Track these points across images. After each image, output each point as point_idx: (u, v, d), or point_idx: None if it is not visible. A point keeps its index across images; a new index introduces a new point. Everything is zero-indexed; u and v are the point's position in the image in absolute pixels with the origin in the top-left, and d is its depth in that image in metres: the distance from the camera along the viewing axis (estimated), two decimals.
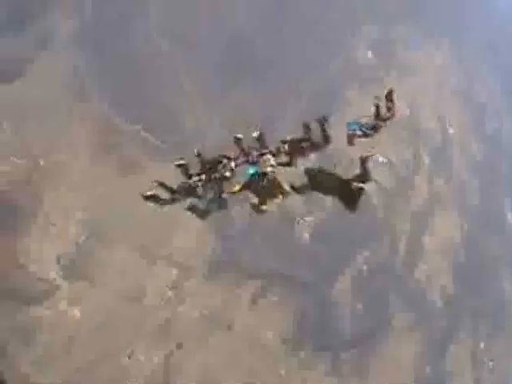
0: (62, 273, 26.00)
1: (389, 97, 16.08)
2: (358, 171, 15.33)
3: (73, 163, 27.60)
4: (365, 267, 30.25)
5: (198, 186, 15.88)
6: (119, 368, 25.90)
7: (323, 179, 15.09)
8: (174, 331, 26.78)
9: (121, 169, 27.93)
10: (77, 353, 25.48)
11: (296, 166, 15.81)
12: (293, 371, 28.21)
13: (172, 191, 16.31)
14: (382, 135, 27.91)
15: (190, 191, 16.08)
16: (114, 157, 28.31)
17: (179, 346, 26.76)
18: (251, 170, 15.33)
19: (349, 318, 29.81)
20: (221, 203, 15.96)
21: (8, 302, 25.25)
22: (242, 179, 15.31)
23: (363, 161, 15.50)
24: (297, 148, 15.98)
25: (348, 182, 15.12)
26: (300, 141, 16.12)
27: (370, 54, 34.53)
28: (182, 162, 16.11)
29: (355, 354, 29.73)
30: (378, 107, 16.10)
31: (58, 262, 26.18)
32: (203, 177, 15.96)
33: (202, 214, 16.29)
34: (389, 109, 15.90)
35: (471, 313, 34.68)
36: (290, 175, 15.71)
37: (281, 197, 15.43)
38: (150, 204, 16.49)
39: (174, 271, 27.08)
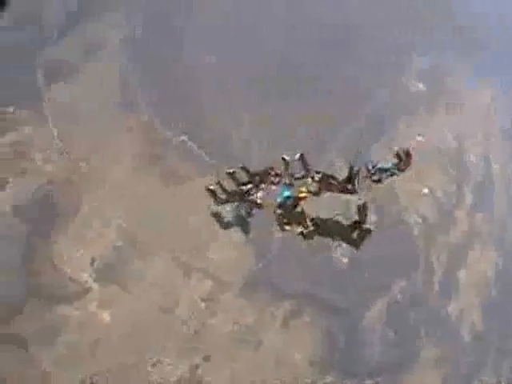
0: (94, 275, 25.59)
1: (407, 153, 15.80)
2: (356, 217, 15.13)
3: (115, 170, 26.99)
4: (399, 297, 29.49)
5: (250, 193, 15.76)
6: (144, 375, 25.34)
7: (329, 226, 15.02)
8: (202, 343, 26.12)
9: (163, 179, 27.20)
10: (102, 356, 25.09)
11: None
12: None
13: (227, 193, 16.20)
14: (429, 166, 27.52)
15: (242, 196, 15.93)
16: (158, 166, 27.58)
17: (207, 358, 26.05)
18: (287, 193, 15.02)
19: (378, 345, 28.91)
20: (244, 225, 15.69)
21: (36, 300, 24.95)
22: (277, 199, 15.07)
23: (362, 207, 15.32)
24: (326, 182, 15.82)
25: (352, 228, 15.04)
26: (330, 177, 16.00)
27: (419, 82, 33.79)
28: (233, 169, 15.94)
29: (380, 382, 28.89)
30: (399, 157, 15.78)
31: (92, 264, 25.75)
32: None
33: (225, 225, 16.14)
34: (405, 163, 15.62)
35: (496, 350, 33.67)
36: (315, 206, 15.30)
37: (301, 228, 15.22)
38: (209, 197, 16.20)
39: (209, 284, 26.38)
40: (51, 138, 27.10)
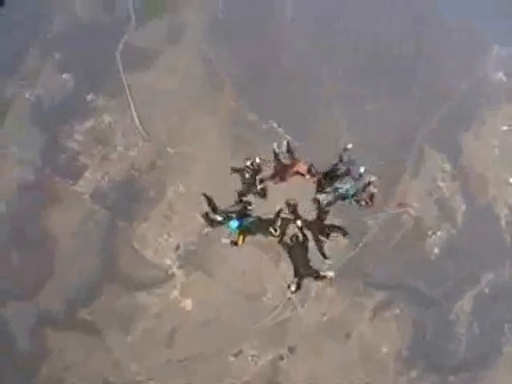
0: (178, 262, 23.30)
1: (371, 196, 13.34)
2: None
3: (201, 154, 24.54)
4: (487, 290, 26.41)
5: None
6: (223, 366, 22.91)
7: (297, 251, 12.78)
8: (288, 334, 23.41)
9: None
10: (179, 345, 22.79)
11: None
12: None
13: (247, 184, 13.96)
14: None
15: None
16: (246, 151, 25.44)
17: (291, 349, 23.46)
18: (233, 225, 12.74)
19: (464, 340, 25.83)
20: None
21: (114, 286, 22.92)
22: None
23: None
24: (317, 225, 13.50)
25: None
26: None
27: (501, 74, 30.91)
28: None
29: (463, 378, 25.93)
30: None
31: (177, 250, 23.45)
32: None
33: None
34: (370, 196, 13.08)
35: None
36: None
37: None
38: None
39: None
40: (133, 124, 24.98)
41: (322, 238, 13.42)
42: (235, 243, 13.15)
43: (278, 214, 13.14)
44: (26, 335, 23.16)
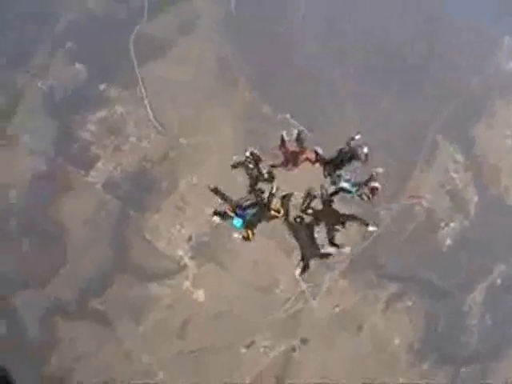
0: (190, 253, 23.07)
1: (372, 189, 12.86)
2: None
3: (214, 147, 24.38)
4: (499, 281, 26.19)
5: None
6: (235, 357, 22.77)
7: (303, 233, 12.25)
8: (301, 326, 23.36)
9: (264, 155, 24.78)
10: (191, 336, 22.63)
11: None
12: (413, 382, 24.73)
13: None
14: None
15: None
16: (258, 142, 25.23)
17: (304, 341, 23.38)
18: (238, 224, 12.34)
19: (476, 331, 25.64)
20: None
21: (126, 276, 22.72)
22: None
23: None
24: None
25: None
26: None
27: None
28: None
29: (476, 369, 25.60)
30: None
31: (189, 241, 23.24)
32: None
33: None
34: (372, 191, 12.62)
35: None
36: None
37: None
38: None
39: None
40: (146, 115, 24.90)
41: (337, 227, 13.20)
42: (247, 238, 12.97)
43: (272, 194, 12.95)
44: (37, 324, 23.02)
